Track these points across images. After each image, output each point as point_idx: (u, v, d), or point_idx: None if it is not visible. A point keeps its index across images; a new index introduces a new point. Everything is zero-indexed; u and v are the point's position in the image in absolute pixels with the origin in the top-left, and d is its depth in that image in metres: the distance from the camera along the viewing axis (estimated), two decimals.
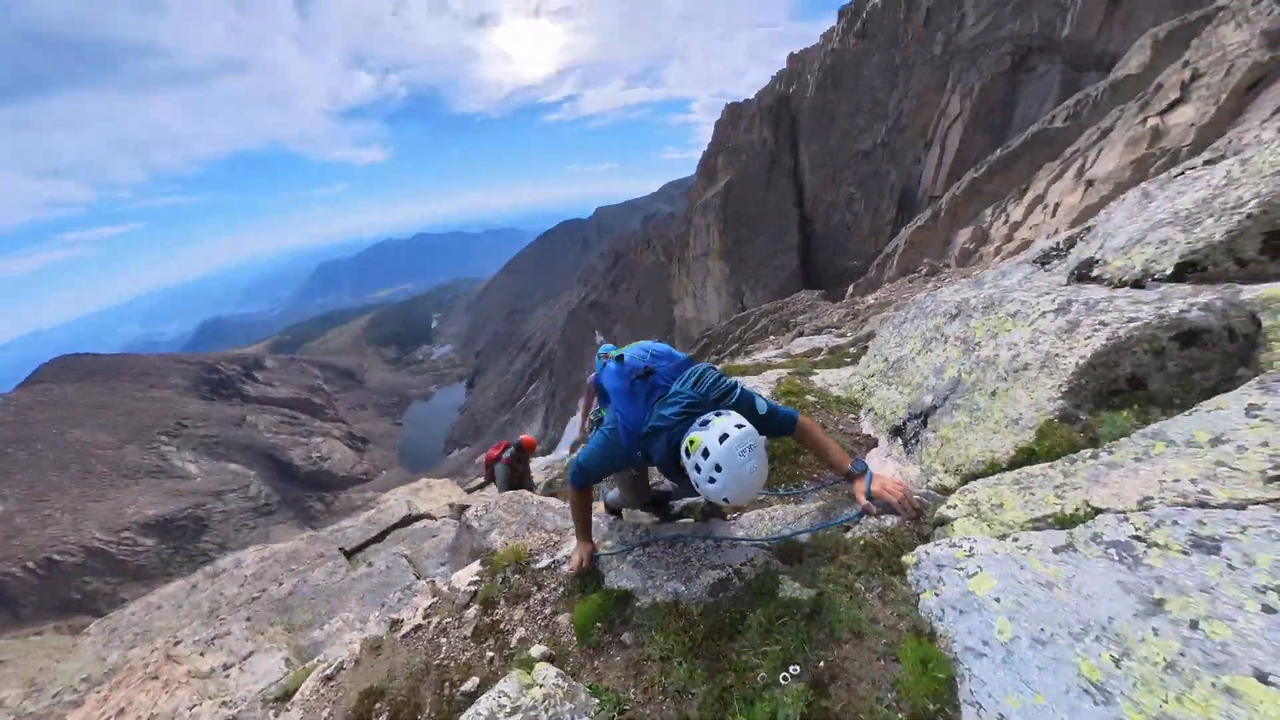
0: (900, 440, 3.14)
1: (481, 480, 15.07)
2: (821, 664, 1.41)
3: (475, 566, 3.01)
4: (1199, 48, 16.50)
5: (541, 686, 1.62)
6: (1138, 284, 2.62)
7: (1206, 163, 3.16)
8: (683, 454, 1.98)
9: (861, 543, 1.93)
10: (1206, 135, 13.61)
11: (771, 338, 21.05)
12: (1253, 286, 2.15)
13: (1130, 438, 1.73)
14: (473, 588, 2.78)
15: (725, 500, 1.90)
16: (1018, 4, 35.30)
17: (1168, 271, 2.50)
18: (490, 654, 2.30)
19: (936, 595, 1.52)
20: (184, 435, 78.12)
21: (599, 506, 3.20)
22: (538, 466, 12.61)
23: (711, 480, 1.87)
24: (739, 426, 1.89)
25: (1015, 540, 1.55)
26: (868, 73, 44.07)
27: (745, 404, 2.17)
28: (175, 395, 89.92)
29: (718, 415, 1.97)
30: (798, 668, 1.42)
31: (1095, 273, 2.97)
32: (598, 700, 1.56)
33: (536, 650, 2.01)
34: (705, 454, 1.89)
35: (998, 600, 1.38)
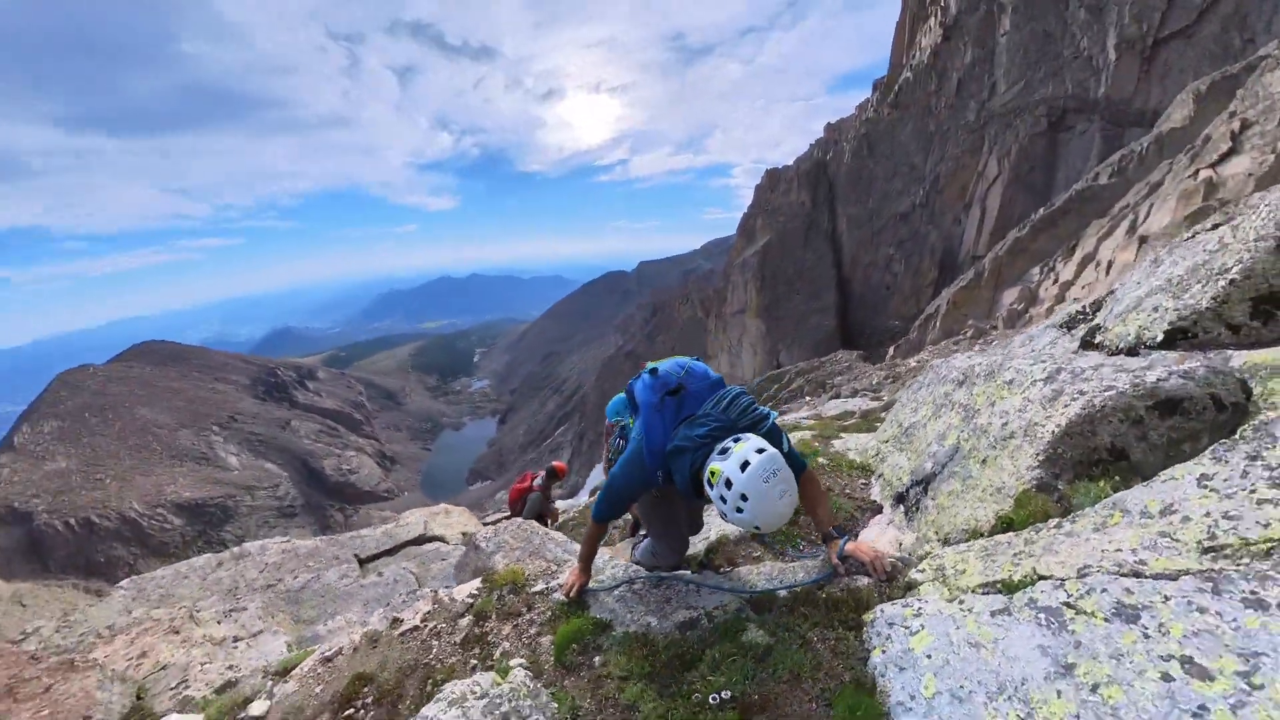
0: (902, 507, 3.11)
1: (499, 516, 15.16)
2: (755, 696, 1.54)
3: (476, 583, 3.23)
4: (1245, 97, 16.15)
5: (510, 683, 1.81)
6: (1132, 351, 2.59)
7: (1213, 226, 3.10)
8: (705, 486, 1.95)
9: (825, 597, 2.05)
10: (1265, 185, 13.18)
11: (807, 398, 20.43)
12: (1244, 352, 2.13)
13: (1094, 507, 1.75)
14: (470, 600, 3.00)
15: (757, 528, 1.84)
16: (1049, 69, 35.65)
17: (1158, 338, 2.49)
18: (474, 662, 2.49)
19: (883, 652, 1.64)
20: (233, 429, 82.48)
21: (609, 550, 3.35)
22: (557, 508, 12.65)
23: (739, 510, 1.82)
24: (760, 451, 1.84)
25: (961, 603, 1.65)
26: (903, 139, 45.41)
27: (773, 437, 2.11)
28: (234, 391, 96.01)
29: (736, 441, 1.93)
30: (730, 693, 1.56)
31: (1097, 339, 2.93)
32: (556, 704, 1.73)
33: (515, 663, 2.19)
34: (729, 484, 1.84)
35: (929, 657, 1.49)
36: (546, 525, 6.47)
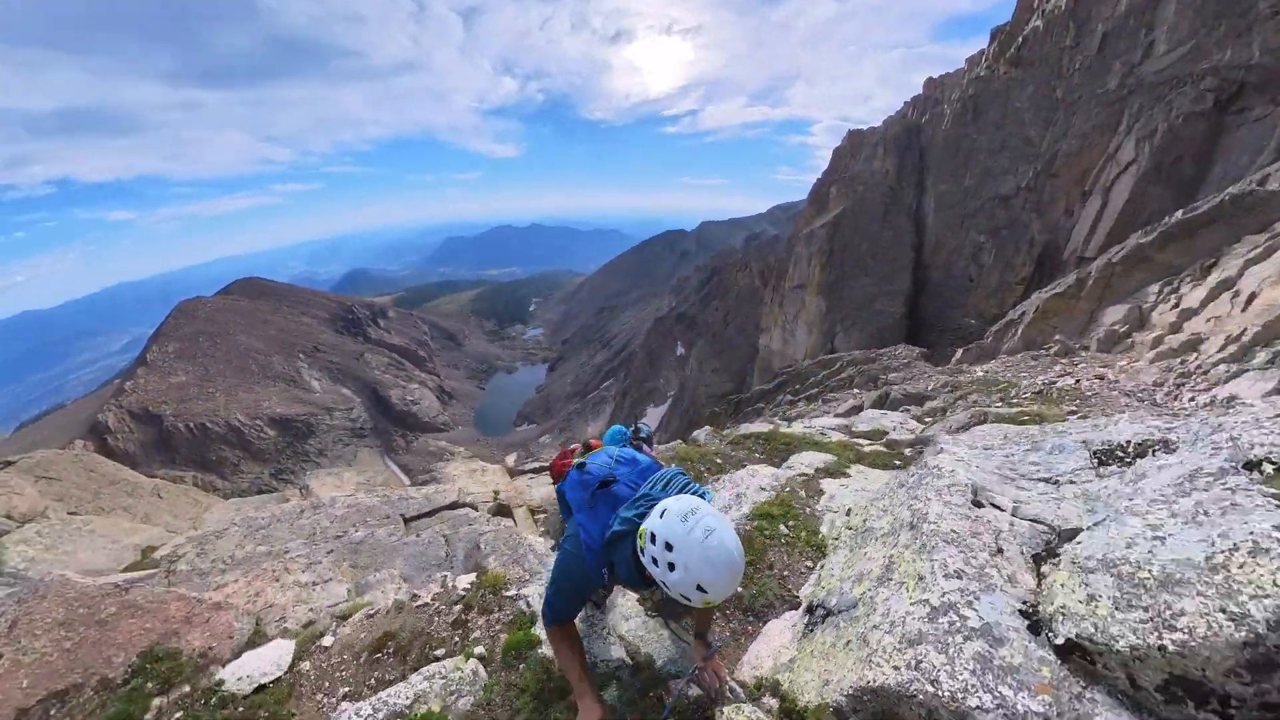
0: (806, 621, 2.85)
1: (535, 465, 16.97)
2: None
3: (471, 577, 4.49)
4: None
5: (464, 671, 3.00)
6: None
7: None
8: (640, 556, 1.82)
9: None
10: None
11: (855, 391, 19.39)
12: None
13: None
14: (464, 592, 4.26)
15: (701, 590, 1.65)
16: (1231, 28, 26.12)
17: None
18: (457, 639, 3.74)
19: None
20: (316, 357, 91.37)
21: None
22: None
23: (671, 568, 1.67)
24: (679, 498, 1.79)
25: None
26: (1018, 105, 37.74)
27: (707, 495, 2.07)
28: (316, 324, 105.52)
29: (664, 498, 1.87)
30: None
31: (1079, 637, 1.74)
32: (483, 691, 2.89)
33: (476, 651, 3.40)
34: (653, 538, 1.73)
35: None
36: None
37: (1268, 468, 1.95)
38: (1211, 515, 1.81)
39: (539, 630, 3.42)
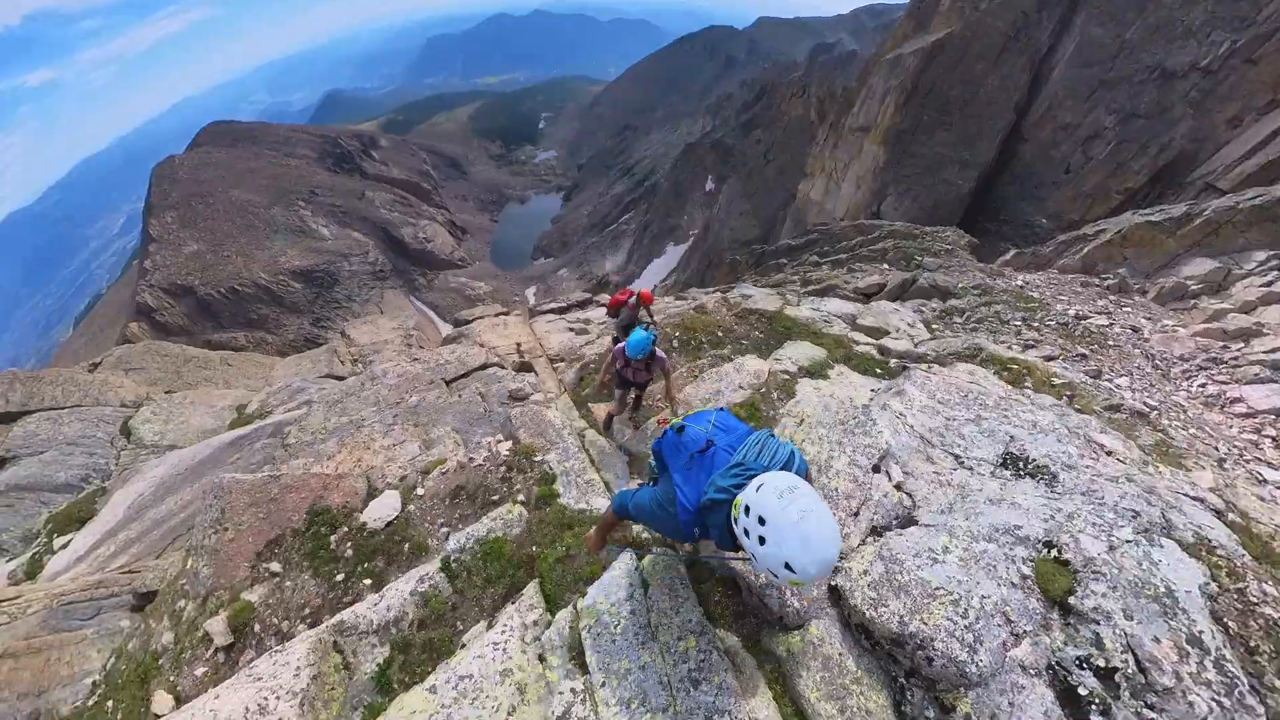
0: None
1: (553, 305, 18.40)
2: None
3: (510, 444, 6.12)
4: None
5: (512, 514, 4.69)
6: None
7: None
8: (734, 525, 1.90)
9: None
10: None
11: (885, 266, 18.05)
12: None
13: None
14: (505, 456, 5.91)
15: (789, 569, 1.69)
16: None
17: None
18: (505, 489, 5.46)
19: None
20: (316, 202, 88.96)
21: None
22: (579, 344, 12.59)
23: (762, 541, 1.73)
24: (779, 475, 1.85)
25: None
26: None
27: (803, 466, 2.16)
28: (305, 166, 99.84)
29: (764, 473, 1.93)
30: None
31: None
32: (524, 525, 4.62)
33: (520, 498, 5.09)
34: (747, 510, 1.79)
35: None
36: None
37: (1047, 556, 2.69)
38: (972, 565, 2.67)
39: (559, 486, 5.09)
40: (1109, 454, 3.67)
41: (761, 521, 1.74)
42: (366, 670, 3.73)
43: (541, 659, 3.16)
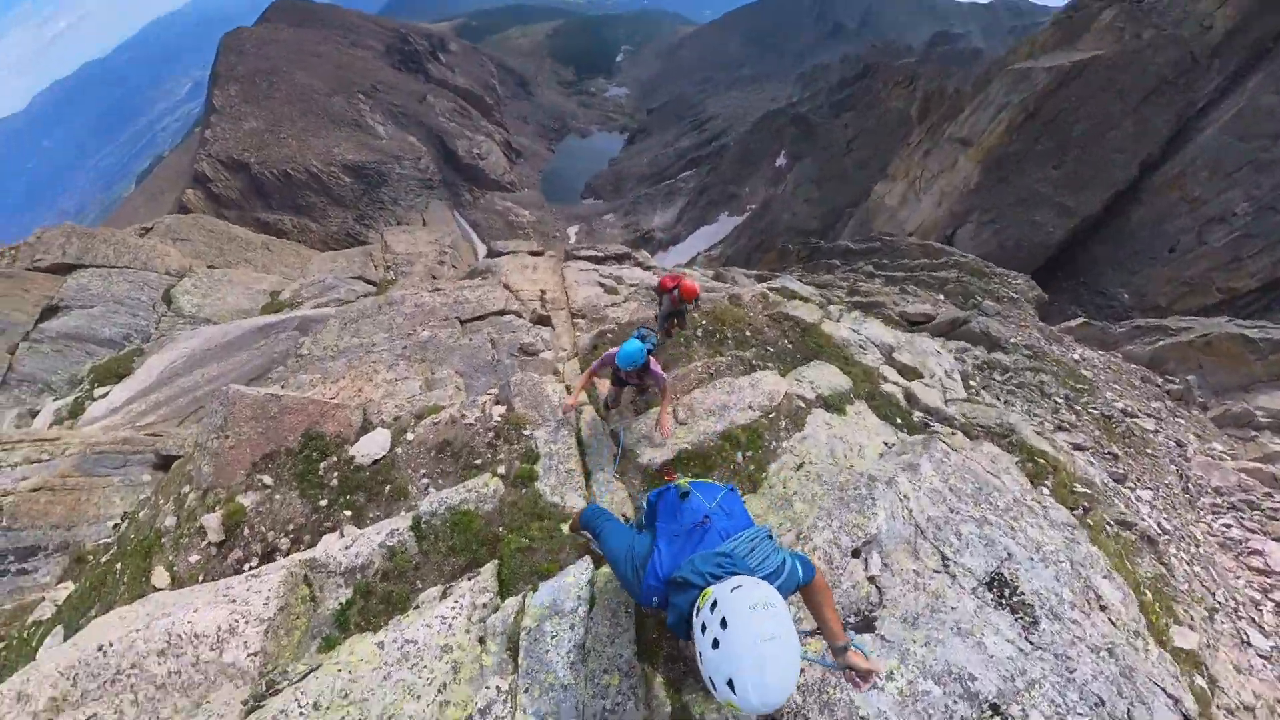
0: None
1: (590, 253, 17.89)
2: None
3: (503, 409, 6.21)
4: None
5: (489, 487, 4.82)
6: None
7: None
8: (693, 613, 1.78)
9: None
10: None
11: (941, 297, 16.75)
12: None
13: None
14: (497, 421, 6.00)
15: (730, 687, 1.53)
16: None
17: None
18: (489, 454, 5.58)
19: None
20: (377, 98, 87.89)
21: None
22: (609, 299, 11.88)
23: (715, 645, 1.60)
24: (759, 585, 1.73)
25: None
26: None
27: (788, 585, 2.01)
28: (371, 58, 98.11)
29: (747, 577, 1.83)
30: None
31: None
32: (498, 501, 4.74)
33: (500, 470, 5.21)
34: (714, 606, 1.67)
35: None
36: (671, 326, 7.19)
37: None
38: (908, 706, 2.60)
39: (539, 468, 5.18)
40: (1103, 609, 3.41)
41: (724, 624, 1.62)
42: (330, 607, 4.00)
43: (482, 641, 3.32)
